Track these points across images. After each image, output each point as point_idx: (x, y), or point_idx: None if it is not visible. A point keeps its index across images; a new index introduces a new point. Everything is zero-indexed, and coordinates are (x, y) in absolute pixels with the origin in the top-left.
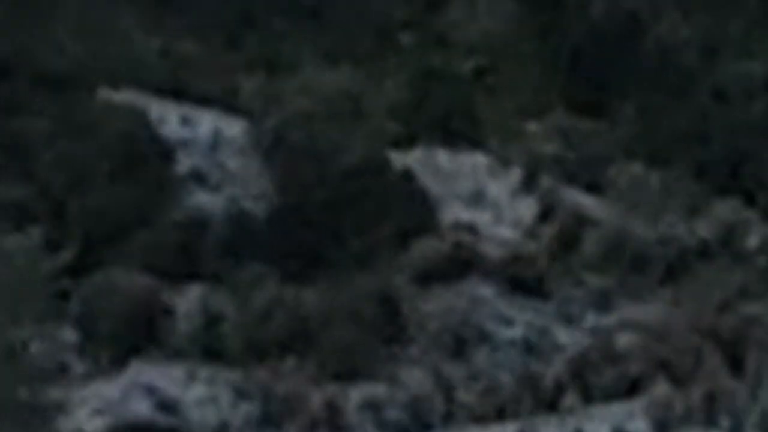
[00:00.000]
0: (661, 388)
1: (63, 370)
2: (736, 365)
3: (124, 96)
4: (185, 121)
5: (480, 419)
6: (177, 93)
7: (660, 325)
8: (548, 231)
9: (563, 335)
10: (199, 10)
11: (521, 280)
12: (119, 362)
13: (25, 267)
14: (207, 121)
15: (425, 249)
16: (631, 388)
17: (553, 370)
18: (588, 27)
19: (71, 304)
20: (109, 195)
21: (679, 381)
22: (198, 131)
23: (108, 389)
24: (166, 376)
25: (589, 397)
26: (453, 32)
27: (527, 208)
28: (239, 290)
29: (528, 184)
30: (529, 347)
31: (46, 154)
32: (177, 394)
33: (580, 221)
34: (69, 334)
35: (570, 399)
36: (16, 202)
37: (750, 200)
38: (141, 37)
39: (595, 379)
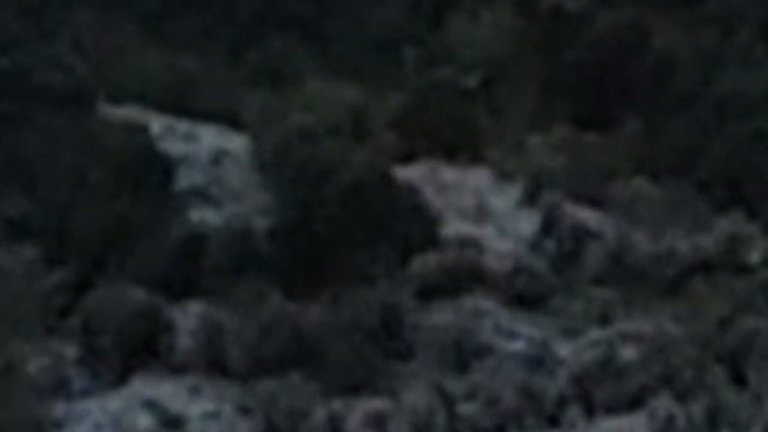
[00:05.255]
0: (663, 402)
1: (64, 385)
2: (738, 379)
3: (126, 111)
4: (187, 136)
5: None
6: (178, 108)
7: (662, 338)
8: (550, 245)
9: (565, 349)
10: (200, 26)
11: (523, 294)
12: (120, 377)
13: (26, 282)
14: (208, 137)
15: (427, 263)
16: (634, 402)
17: (555, 384)
18: (590, 42)
19: (72, 320)
20: (110, 210)
21: (681, 394)
22: (199, 146)
23: (109, 404)
24: (168, 391)
25: (591, 410)
26: (455, 47)
27: (529, 222)
28: (241, 305)
29: (530, 198)
30: (530, 361)
31: (47, 169)
32: (179, 408)
33: (583, 235)
34: (69, 349)
35: (572, 413)
36: (17, 217)
37: (752, 214)
38: (143, 52)
39: (597, 393)
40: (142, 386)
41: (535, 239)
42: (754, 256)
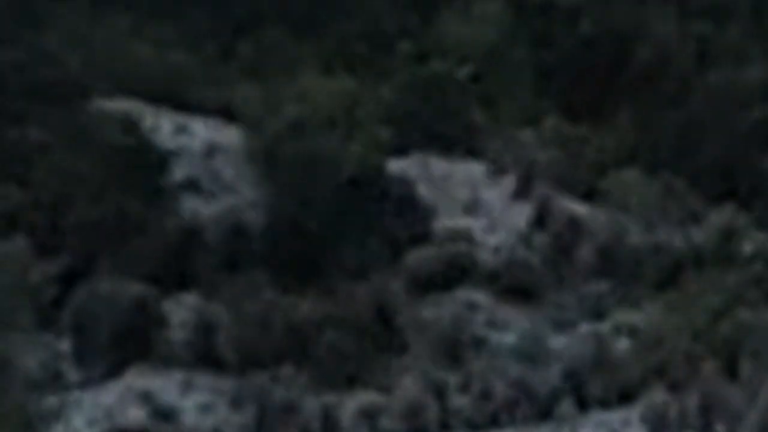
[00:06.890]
0: (656, 395)
1: (57, 378)
2: (731, 371)
3: (119, 105)
4: (180, 129)
5: (474, 426)
6: (172, 102)
7: (655, 331)
8: (543, 238)
9: (558, 342)
10: (193, 19)
11: (516, 287)
12: (114, 370)
13: (19, 274)
14: (202, 130)
15: (420, 256)
16: (627, 395)
17: (547, 377)
18: (581, 35)
19: (65, 313)
20: (104, 203)
21: (674, 387)
22: (193, 140)
23: (103, 397)
24: (161, 384)
25: (584, 403)
26: (448, 41)
27: (522, 215)
28: (234, 299)
29: (523, 191)
30: (523, 354)
31: (41, 163)
32: (173, 401)
33: (575, 228)
34: (63, 342)
35: (565, 406)
36: (10, 209)
37: (745, 207)
38: (135, 47)
39: (590, 386)
40: (135, 379)
41: (528, 232)
42: (747, 249)
